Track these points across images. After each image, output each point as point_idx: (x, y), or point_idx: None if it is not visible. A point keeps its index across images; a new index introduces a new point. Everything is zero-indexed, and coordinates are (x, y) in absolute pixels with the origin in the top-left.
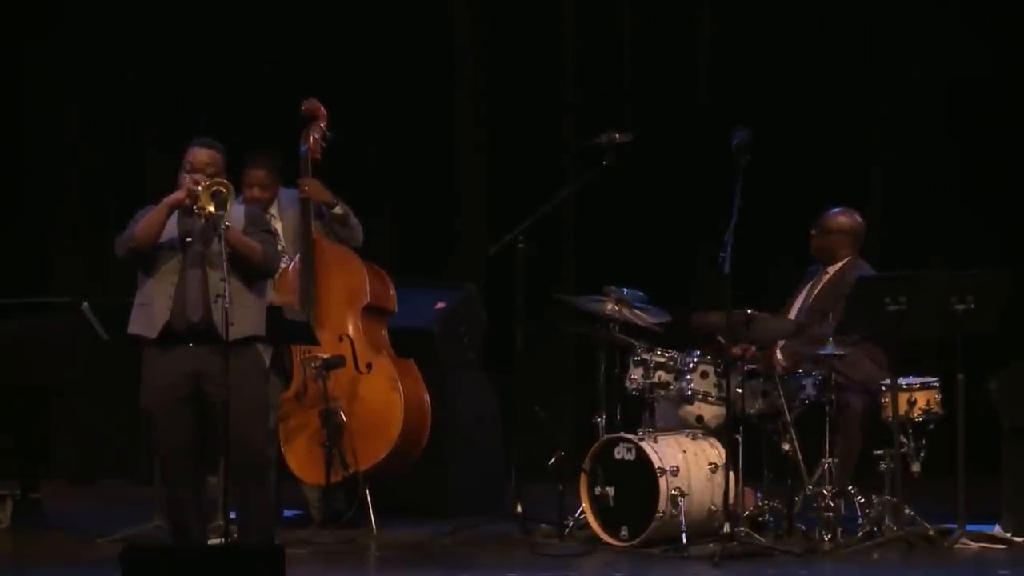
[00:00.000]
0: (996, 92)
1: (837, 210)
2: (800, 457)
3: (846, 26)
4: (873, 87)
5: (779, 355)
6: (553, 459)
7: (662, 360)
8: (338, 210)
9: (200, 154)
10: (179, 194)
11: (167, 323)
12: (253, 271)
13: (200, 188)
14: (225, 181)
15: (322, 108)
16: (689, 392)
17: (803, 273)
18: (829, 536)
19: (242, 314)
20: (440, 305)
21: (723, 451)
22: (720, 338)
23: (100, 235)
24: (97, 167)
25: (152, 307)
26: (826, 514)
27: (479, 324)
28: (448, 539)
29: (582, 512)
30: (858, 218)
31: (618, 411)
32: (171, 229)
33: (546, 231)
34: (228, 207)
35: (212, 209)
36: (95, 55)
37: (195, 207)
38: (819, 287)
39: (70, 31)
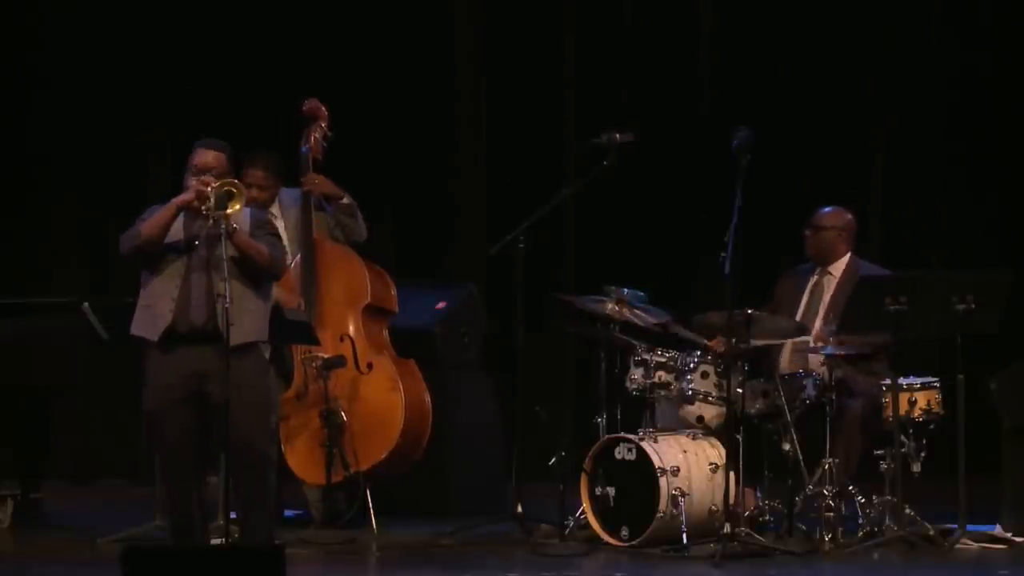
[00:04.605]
0: (996, 91)
1: (828, 208)
2: (800, 457)
3: (846, 25)
4: (873, 87)
5: (786, 357)
6: (554, 459)
7: (663, 360)
8: (345, 200)
9: (206, 156)
10: (188, 195)
11: (169, 325)
12: (259, 273)
13: (210, 190)
14: (236, 181)
15: (323, 108)
16: (690, 392)
17: (792, 273)
18: (830, 536)
19: (245, 319)
20: (440, 305)
21: (723, 451)
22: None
23: (100, 235)
24: (97, 167)
25: (155, 309)
26: (826, 514)
27: (479, 324)
28: (448, 539)
29: (582, 512)
30: (849, 215)
31: (619, 411)
32: (177, 231)
33: (546, 231)
34: (239, 207)
35: (227, 211)
36: (96, 55)
37: (203, 209)
38: (830, 290)
39: (70, 31)
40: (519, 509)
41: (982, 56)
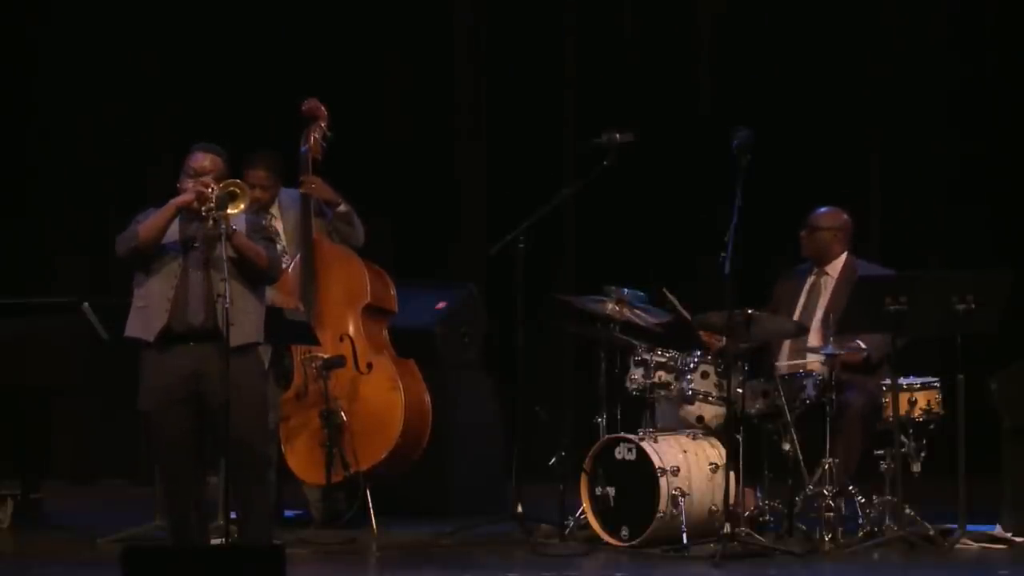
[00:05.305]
0: (996, 91)
1: (824, 208)
2: (800, 457)
3: (845, 25)
4: (872, 87)
5: (784, 357)
6: (554, 459)
7: (663, 360)
8: (342, 207)
9: (203, 159)
10: (187, 196)
11: (165, 325)
12: (258, 275)
13: (210, 191)
14: (240, 182)
15: (322, 108)
16: (690, 392)
17: (790, 274)
18: (830, 536)
19: (243, 320)
20: (440, 305)
21: (723, 451)
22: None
23: (100, 235)
24: (98, 167)
25: (150, 309)
26: (827, 514)
27: (479, 324)
28: (448, 539)
29: (582, 512)
30: (844, 215)
31: (619, 411)
32: (172, 232)
33: (546, 231)
34: (243, 206)
35: (227, 211)
36: (96, 55)
37: (203, 210)
38: (828, 290)
39: (72, 31)
40: (519, 509)
41: (982, 56)
